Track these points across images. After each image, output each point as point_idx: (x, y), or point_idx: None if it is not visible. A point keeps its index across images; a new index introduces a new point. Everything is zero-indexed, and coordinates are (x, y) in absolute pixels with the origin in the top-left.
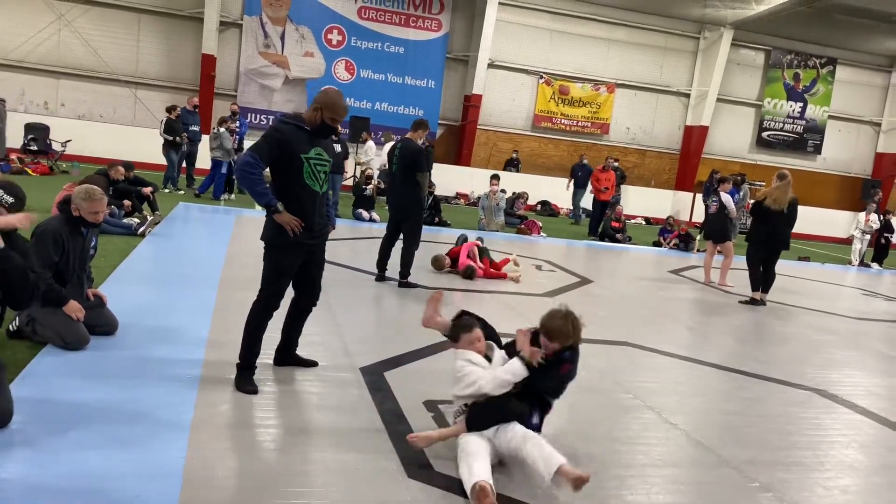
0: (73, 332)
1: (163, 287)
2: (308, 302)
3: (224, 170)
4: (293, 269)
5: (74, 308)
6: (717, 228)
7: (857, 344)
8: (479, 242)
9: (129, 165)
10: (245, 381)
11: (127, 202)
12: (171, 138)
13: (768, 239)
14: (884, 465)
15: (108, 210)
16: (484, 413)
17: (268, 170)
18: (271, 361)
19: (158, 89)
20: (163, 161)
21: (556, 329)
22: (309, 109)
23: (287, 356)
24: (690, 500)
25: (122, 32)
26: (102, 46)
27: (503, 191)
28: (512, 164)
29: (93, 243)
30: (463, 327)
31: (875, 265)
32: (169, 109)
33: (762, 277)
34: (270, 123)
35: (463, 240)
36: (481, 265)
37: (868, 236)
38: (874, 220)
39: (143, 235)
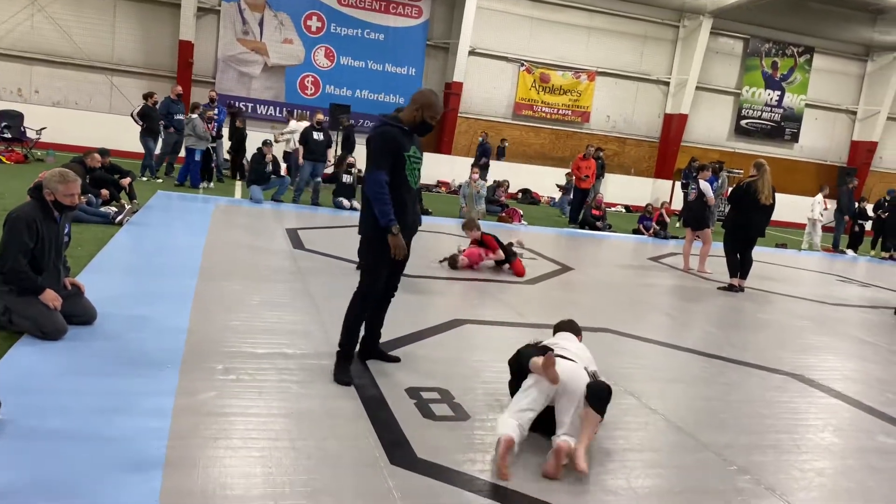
0: (50, 321)
1: (141, 276)
2: (389, 291)
3: (198, 157)
4: (391, 262)
5: (51, 297)
6: (695, 216)
7: (833, 329)
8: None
9: (104, 151)
10: (342, 371)
11: (104, 191)
12: (143, 124)
13: (746, 226)
14: (859, 447)
15: (85, 199)
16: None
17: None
18: (250, 350)
19: (135, 76)
20: (140, 149)
21: None
22: (408, 110)
23: (371, 349)
24: (670, 484)
25: (97, 18)
26: (77, 32)
27: (484, 179)
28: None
29: (66, 230)
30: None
31: (850, 251)
32: (146, 96)
33: (739, 263)
34: (372, 127)
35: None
36: (490, 253)
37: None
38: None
39: (120, 224)
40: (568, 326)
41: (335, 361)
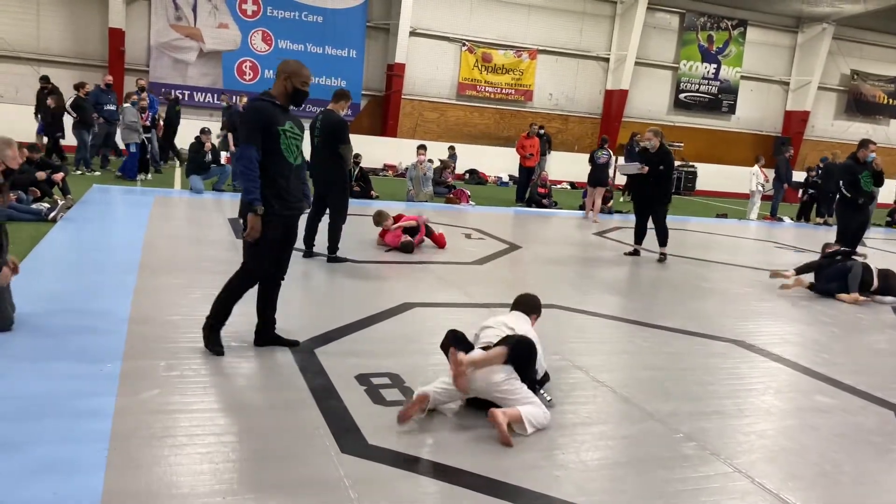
0: None
1: (78, 273)
2: (277, 274)
3: (133, 149)
4: (275, 242)
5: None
6: (603, 176)
7: (772, 295)
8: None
9: (33, 147)
10: (213, 341)
11: (34, 188)
12: (75, 115)
13: (662, 194)
14: (797, 408)
15: (15, 196)
16: (525, 348)
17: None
18: (193, 345)
19: (64, 66)
20: (73, 142)
21: None
22: (277, 82)
23: (266, 336)
24: (618, 455)
25: (19, 5)
26: None
27: (430, 160)
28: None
29: None
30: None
31: (787, 218)
32: (77, 87)
33: (658, 234)
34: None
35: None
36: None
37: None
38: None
39: (54, 221)
40: (521, 305)
41: (204, 334)
